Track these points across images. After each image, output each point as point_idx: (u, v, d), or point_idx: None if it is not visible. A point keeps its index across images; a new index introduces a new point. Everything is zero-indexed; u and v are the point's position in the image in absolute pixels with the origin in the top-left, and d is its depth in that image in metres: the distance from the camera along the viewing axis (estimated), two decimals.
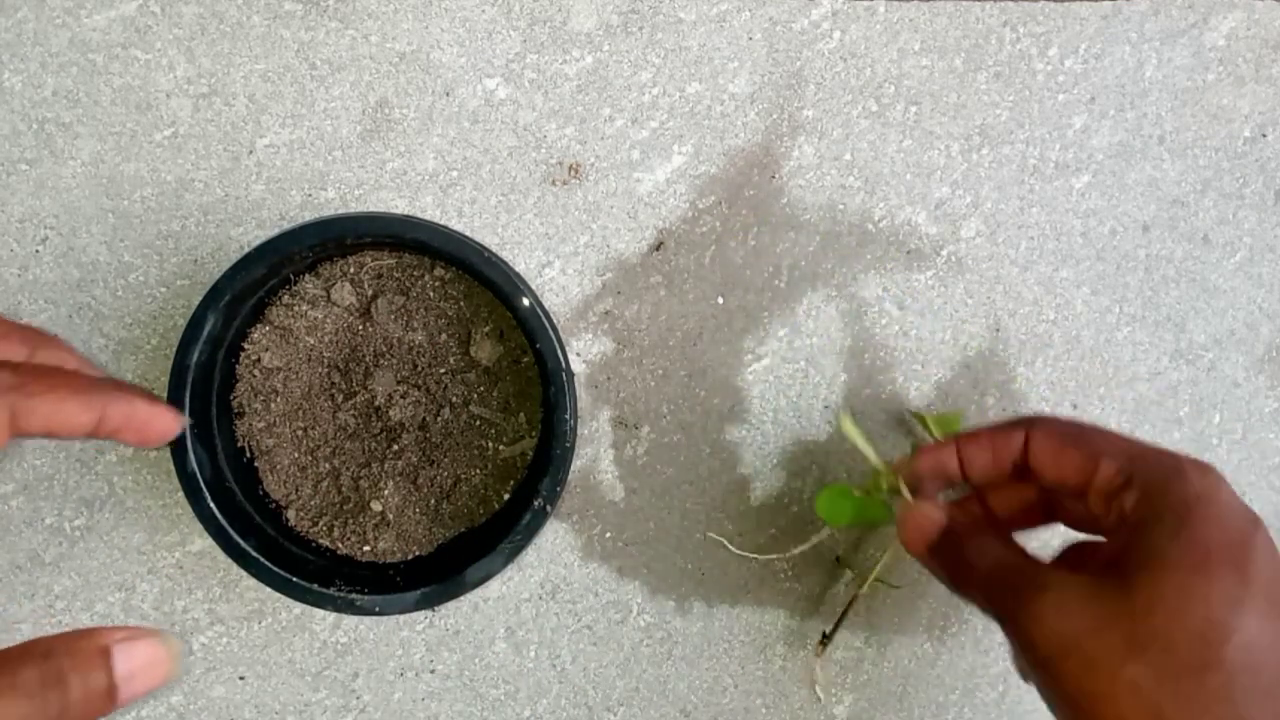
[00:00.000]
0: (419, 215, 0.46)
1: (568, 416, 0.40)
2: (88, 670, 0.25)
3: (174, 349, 0.39)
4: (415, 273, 0.43)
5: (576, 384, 0.46)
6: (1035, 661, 0.31)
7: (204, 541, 0.46)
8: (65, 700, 0.24)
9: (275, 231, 0.39)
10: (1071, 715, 0.31)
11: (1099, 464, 0.34)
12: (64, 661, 0.25)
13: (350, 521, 0.43)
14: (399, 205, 0.47)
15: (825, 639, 0.48)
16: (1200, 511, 0.31)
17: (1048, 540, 0.48)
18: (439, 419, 0.43)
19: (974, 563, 0.35)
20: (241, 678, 0.47)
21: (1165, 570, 0.30)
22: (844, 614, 0.48)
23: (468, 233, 0.45)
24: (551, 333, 0.40)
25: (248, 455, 0.43)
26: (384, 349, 0.43)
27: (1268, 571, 0.30)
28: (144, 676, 0.26)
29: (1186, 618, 0.29)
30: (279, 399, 0.43)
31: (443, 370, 0.43)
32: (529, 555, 0.48)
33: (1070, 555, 0.38)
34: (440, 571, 0.41)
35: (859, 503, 0.44)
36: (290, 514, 0.43)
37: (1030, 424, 0.36)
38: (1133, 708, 0.30)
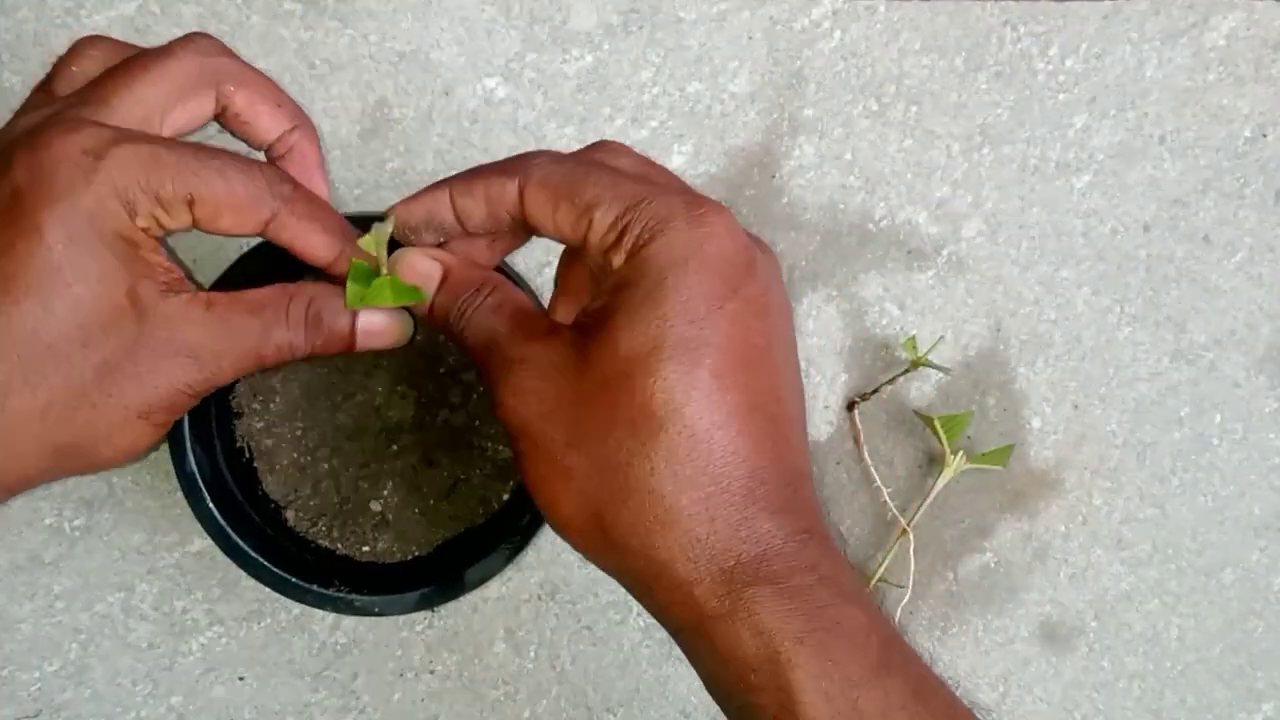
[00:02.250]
0: None
1: None
2: (336, 319, 0.33)
3: None
4: None
5: None
6: (509, 438, 0.30)
7: (203, 542, 0.46)
8: (318, 335, 0.32)
9: None
10: (529, 490, 0.29)
11: (593, 217, 0.29)
12: (324, 309, 0.32)
13: (349, 522, 0.43)
14: None
15: None
16: (673, 280, 0.27)
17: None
18: (438, 419, 0.43)
19: (461, 328, 0.31)
20: (241, 678, 0.47)
21: (615, 353, 0.27)
22: None
23: None
24: None
25: (247, 455, 0.43)
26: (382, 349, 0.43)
27: (727, 352, 0.27)
28: (376, 338, 0.33)
29: (621, 409, 0.27)
30: (278, 399, 0.42)
31: (442, 370, 0.43)
32: (529, 556, 0.48)
33: (567, 294, 0.34)
34: (440, 572, 0.41)
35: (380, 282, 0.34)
36: (289, 514, 0.43)
37: (525, 171, 0.30)
38: (570, 499, 0.28)
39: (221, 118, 0.34)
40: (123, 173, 0.28)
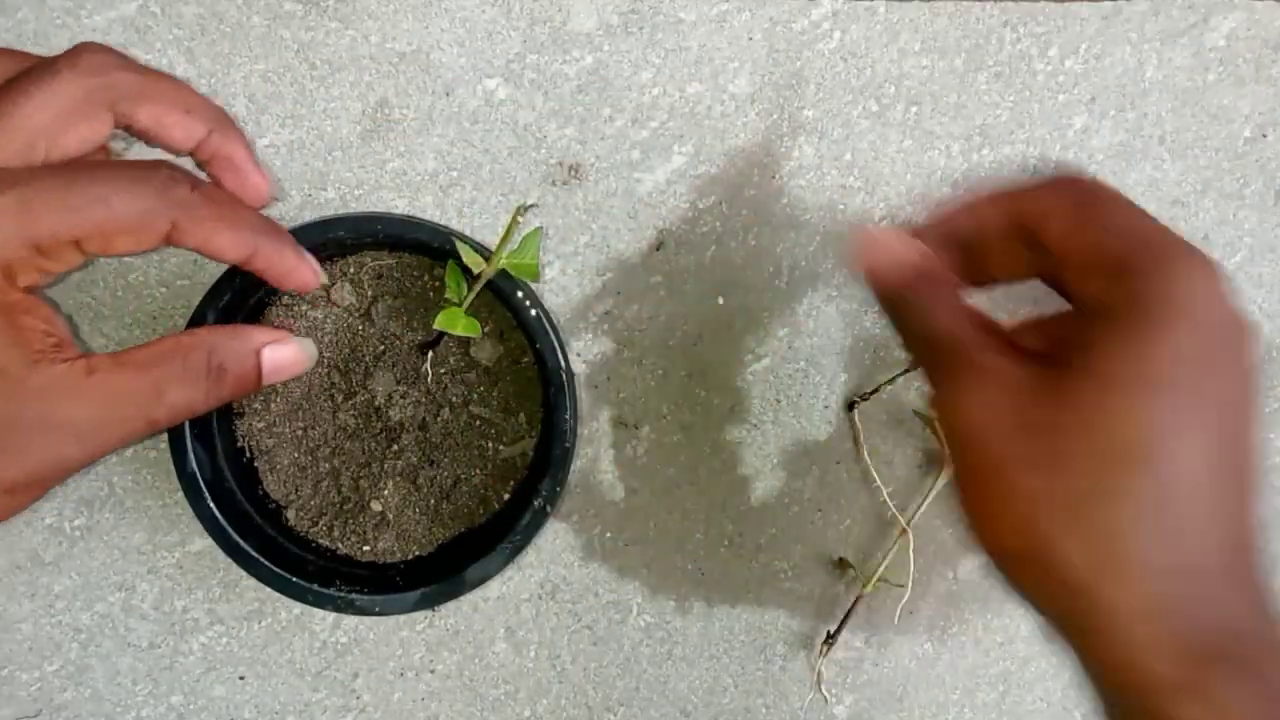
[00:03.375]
0: (419, 215, 0.46)
1: (568, 417, 0.40)
2: (243, 364, 0.32)
3: None
4: (415, 273, 0.43)
5: (577, 384, 0.46)
6: (949, 442, 0.29)
7: (204, 541, 0.46)
8: (223, 386, 0.32)
9: None
10: (963, 505, 0.28)
11: (1104, 241, 0.28)
12: (227, 358, 0.32)
13: (350, 521, 0.43)
14: (399, 205, 0.47)
15: (830, 639, 0.48)
16: (1170, 319, 0.26)
17: None
18: (439, 419, 0.43)
19: (921, 321, 0.30)
20: (241, 678, 0.47)
21: (1096, 380, 0.26)
22: (848, 614, 0.48)
23: (468, 233, 0.45)
24: (551, 333, 0.40)
25: (247, 455, 0.43)
26: (384, 349, 0.43)
27: (1222, 403, 0.26)
28: (283, 372, 0.34)
29: (1095, 438, 0.25)
30: (279, 399, 0.43)
31: (442, 370, 0.43)
32: (529, 555, 0.48)
33: (1031, 328, 0.32)
34: (440, 571, 0.41)
35: None
36: (290, 514, 0.43)
37: (1053, 189, 0.30)
38: (1010, 522, 0.27)
39: (129, 132, 0.32)
40: None
